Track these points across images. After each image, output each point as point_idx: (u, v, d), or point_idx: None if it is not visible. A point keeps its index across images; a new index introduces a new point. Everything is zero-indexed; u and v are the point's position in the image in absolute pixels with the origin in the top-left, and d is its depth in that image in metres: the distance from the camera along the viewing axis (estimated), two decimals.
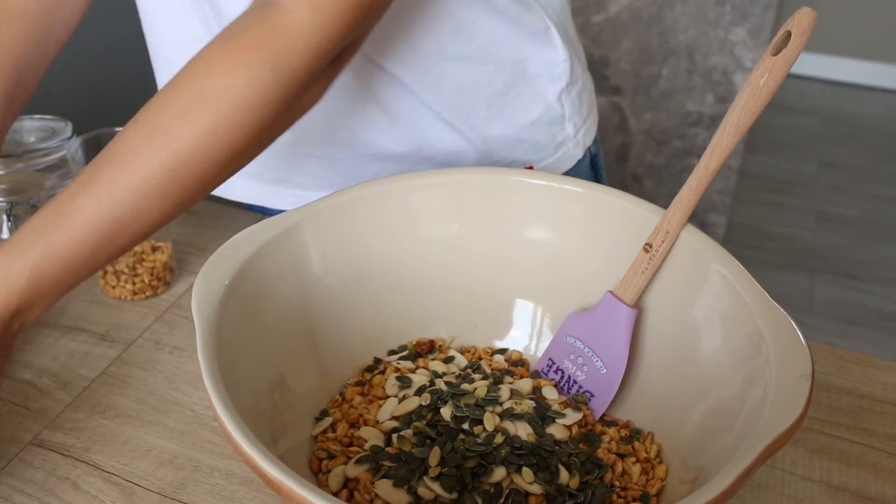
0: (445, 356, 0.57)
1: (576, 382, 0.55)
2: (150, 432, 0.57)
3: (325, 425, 0.52)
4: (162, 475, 0.54)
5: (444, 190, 0.58)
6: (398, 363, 0.57)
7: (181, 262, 0.75)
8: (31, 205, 0.74)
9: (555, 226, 0.58)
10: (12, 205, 0.74)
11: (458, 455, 0.47)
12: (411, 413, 0.51)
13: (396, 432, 0.50)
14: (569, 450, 0.49)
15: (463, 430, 0.49)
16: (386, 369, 0.56)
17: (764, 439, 0.38)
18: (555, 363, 0.56)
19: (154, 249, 0.71)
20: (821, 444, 0.57)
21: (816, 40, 2.87)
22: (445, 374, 0.55)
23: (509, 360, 0.59)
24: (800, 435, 0.57)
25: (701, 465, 0.45)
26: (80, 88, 1.37)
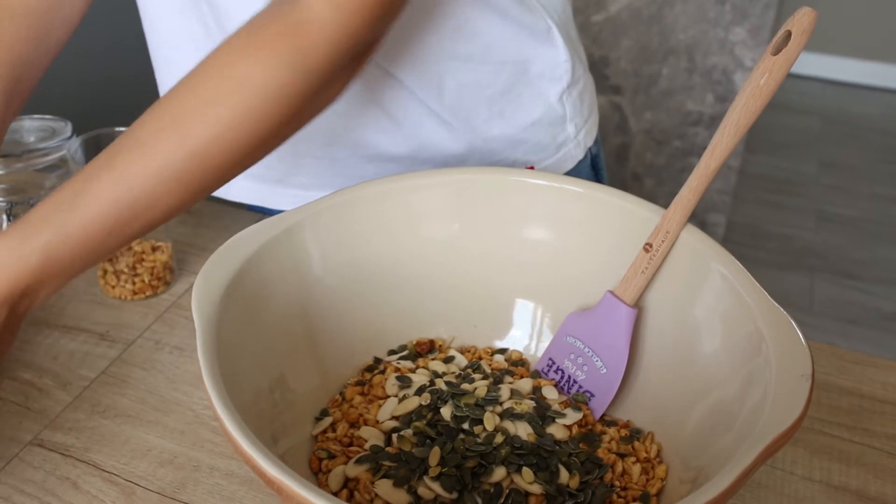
0: (445, 356, 0.57)
1: (576, 382, 0.55)
2: (150, 432, 0.57)
3: (325, 425, 0.52)
4: (162, 475, 0.54)
5: (444, 190, 0.58)
6: (398, 363, 0.57)
7: (181, 262, 0.75)
8: (30, 204, 0.74)
9: (555, 226, 0.58)
10: (12, 205, 0.74)
11: (458, 455, 0.47)
12: (411, 413, 0.51)
13: (396, 432, 0.50)
14: (569, 450, 0.49)
15: (463, 429, 0.49)
16: (386, 369, 0.56)
17: (764, 439, 0.38)
18: (555, 363, 0.56)
19: (154, 249, 0.71)
20: (821, 443, 0.57)
21: (816, 40, 2.87)
22: (445, 374, 0.55)
23: (509, 359, 0.59)
24: (800, 435, 0.57)
25: (701, 464, 0.45)
26: (80, 88, 1.37)
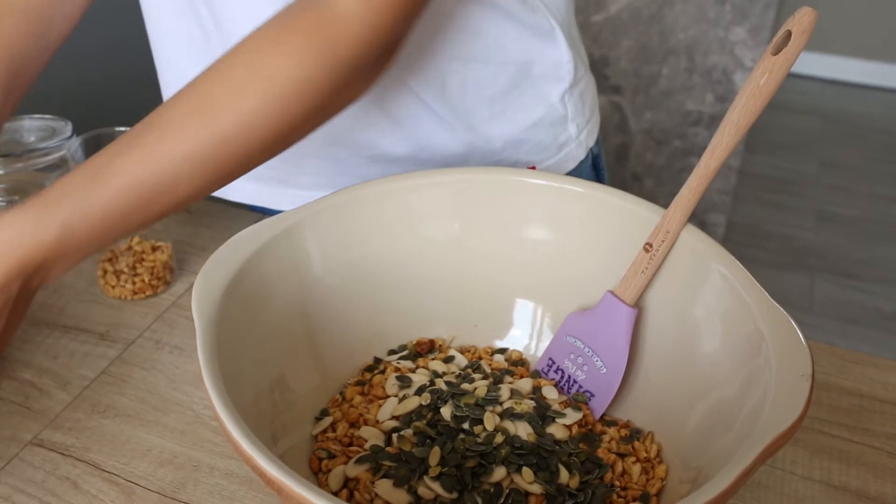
0: (445, 356, 0.57)
1: (576, 382, 0.55)
2: (150, 432, 0.57)
3: (325, 425, 0.52)
4: (162, 475, 0.54)
5: (444, 190, 0.58)
6: (398, 363, 0.57)
7: (181, 262, 0.75)
8: None
9: (555, 226, 0.58)
10: (12, 204, 0.74)
11: (459, 455, 0.47)
12: (411, 413, 0.51)
13: (396, 432, 0.50)
14: (569, 449, 0.49)
15: (463, 429, 0.49)
16: (386, 369, 0.56)
17: (764, 439, 0.38)
18: (555, 363, 0.56)
19: (154, 249, 0.71)
20: (821, 443, 0.57)
21: (816, 39, 2.87)
22: (445, 374, 0.55)
23: (509, 359, 0.59)
24: (800, 435, 0.57)
25: (701, 464, 0.45)
26: (80, 88, 1.37)
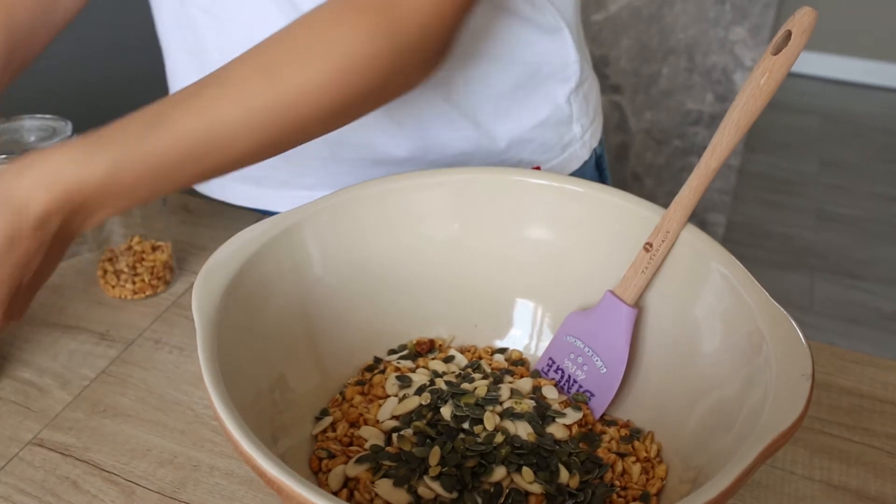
0: (445, 355, 0.57)
1: (576, 382, 0.55)
2: (149, 432, 0.57)
3: (326, 425, 0.52)
4: (162, 475, 0.54)
5: (444, 189, 0.58)
6: (398, 363, 0.57)
7: (181, 262, 0.75)
8: None
9: (555, 225, 0.58)
10: None
11: (459, 454, 0.47)
12: (411, 412, 0.51)
13: (396, 432, 0.50)
14: (569, 449, 0.49)
15: (463, 429, 0.49)
16: (386, 369, 0.56)
17: (764, 439, 0.38)
18: (555, 362, 0.56)
19: (154, 249, 0.71)
20: (821, 443, 0.57)
21: (816, 39, 2.87)
22: (445, 374, 0.55)
23: (509, 359, 0.59)
24: (800, 434, 0.57)
25: (701, 464, 0.45)
26: (80, 88, 1.37)
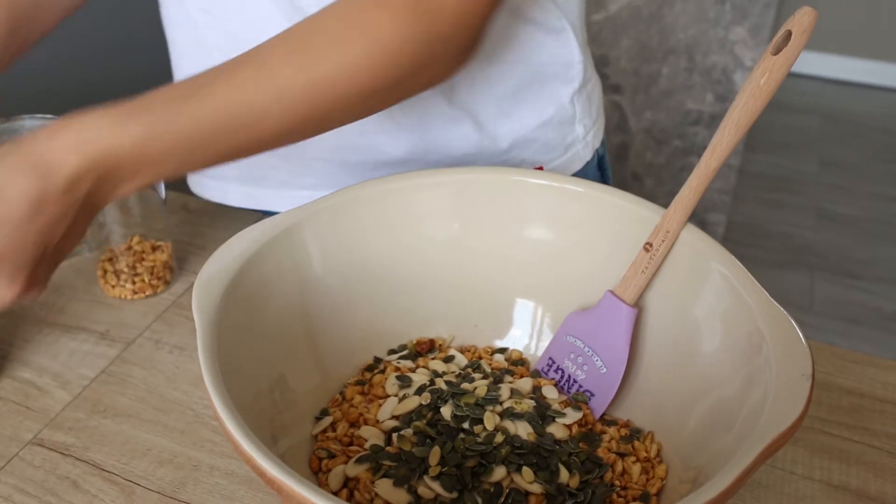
0: (445, 355, 0.57)
1: (576, 382, 0.55)
2: (149, 431, 0.57)
3: (326, 424, 0.52)
4: (162, 474, 0.54)
5: (444, 189, 0.58)
6: (398, 362, 0.57)
7: (181, 262, 0.75)
8: None
9: (555, 225, 0.58)
10: None
11: (459, 454, 0.47)
12: (411, 412, 0.51)
13: (396, 432, 0.50)
14: (569, 449, 0.49)
15: (463, 429, 0.49)
16: (386, 368, 0.56)
17: (764, 439, 0.38)
18: (555, 362, 0.56)
19: (154, 249, 0.71)
20: (821, 443, 0.57)
21: (816, 39, 2.87)
22: (445, 374, 0.55)
23: (509, 359, 0.59)
24: (800, 434, 0.57)
25: (701, 464, 0.45)
26: (80, 88, 1.37)
